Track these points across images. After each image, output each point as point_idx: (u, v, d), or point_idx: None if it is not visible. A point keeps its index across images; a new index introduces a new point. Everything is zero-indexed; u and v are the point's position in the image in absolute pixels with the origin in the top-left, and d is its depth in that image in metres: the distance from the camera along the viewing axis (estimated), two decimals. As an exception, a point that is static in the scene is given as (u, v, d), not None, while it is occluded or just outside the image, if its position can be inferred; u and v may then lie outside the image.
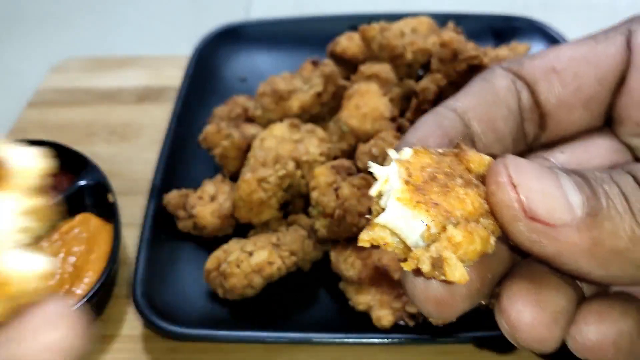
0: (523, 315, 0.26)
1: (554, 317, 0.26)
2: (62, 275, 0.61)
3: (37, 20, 1.14)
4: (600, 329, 0.26)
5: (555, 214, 0.24)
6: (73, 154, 0.71)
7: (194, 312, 0.61)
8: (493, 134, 0.32)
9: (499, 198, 0.25)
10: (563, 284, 0.27)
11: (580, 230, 0.24)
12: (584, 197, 0.25)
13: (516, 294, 0.27)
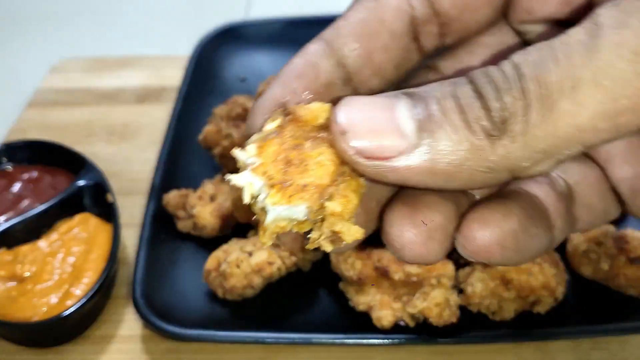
0: (402, 236, 0.27)
1: (429, 234, 0.27)
2: (61, 276, 0.61)
3: (36, 20, 1.14)
4: (485, 234, 0.26)
5: (387, 146, 0.25)
6: (72, 154, 0.71)
7: (194, 312, 0.61)
8: (369, 69, 0.30)
9: (337, 147, 0.26)
10: (437, 200, 0.28)
11: (417, 155, 0.25)
12: (417, 120, 0.25)
13: (394, 216, 0.28)
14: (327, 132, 0.27)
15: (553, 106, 0.23)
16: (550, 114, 0.23)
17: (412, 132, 0.25)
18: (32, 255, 0.62)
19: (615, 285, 0.60)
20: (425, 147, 0.25)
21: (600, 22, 0.23)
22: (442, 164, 0.25)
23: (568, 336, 0.59)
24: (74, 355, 0.61)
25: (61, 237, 0.64)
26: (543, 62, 0.23)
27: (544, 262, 0.57)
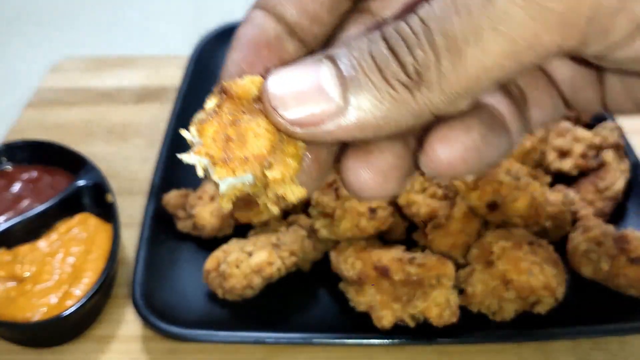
0: (358, 179, 0.29)
1: (384, 174, 0.29)
2: (61, 276, 0.61)
3: (36, 20, 1.14)
4: (447, 151, 0.28)
5: (317, 113, 0.27)
6: (72, 154, 0.71)
7: (194, 312, 0.61)
8: (307, 19, 0.32)
9: (271, 120, 0.28)
10: (389, 142, 0.30)
11: (346, 115, 0.27)
12: (341, 83, 0.27)
13: (350, 161, 0.30)
14: (261, 104, 0.29)
15: (461, 54, 0.25)
16: (459, 61, 0.25)
17: (338, 95, 0.27)
18: (32, 255, 0.62)
19: (616, 285, 0.60)
20: (352, 107, 0.27)
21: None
22: (370, 120, 0.27)
23: (568, 336, 0.60)
24: (74, 355, 0.61)
25: (61, 237, 0.64)
26: (446, 14, 0.25)
27: (544, 262, 0.57)
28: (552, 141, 0.70)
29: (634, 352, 0.60)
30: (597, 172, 0.69)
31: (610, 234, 0.61)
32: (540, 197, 0.60)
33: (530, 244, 0.59)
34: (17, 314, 0.58)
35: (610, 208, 0.67)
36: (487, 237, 0.60)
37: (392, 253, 0.58)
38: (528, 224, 0.61)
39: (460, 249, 0.62)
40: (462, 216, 0.62)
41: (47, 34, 1.11)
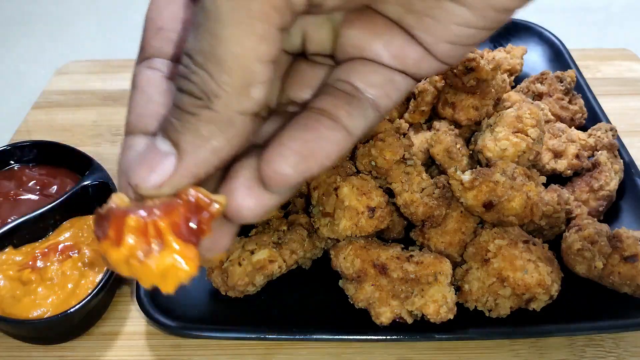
0: (241, 206, 0.32)
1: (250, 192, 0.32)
2: (67, 274, 0.61)
3: (42, 23, 1.15)
4: (272, 169, 0.30)
5: (165, 167, 0.30)
6: (78, 154, 0.72)
7: (196, 309, 0.62)
8: None
9: (140, 192, 0.31)
10: (246, 161, 0.33)
11: (186, 157, 0.30)
12: (168, 137, 0.31)
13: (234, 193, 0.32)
14: None
15: (217, 59, 0.28)
16: (220, 64, 0.28)
17: (169, 148, 0.30)
18: (39, 253, 0.63)
19: (609, 283, 0.61)
20: (186, 148, 0.30)
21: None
22: (205, 149, 0.30)
23: (563, 333, 0.60)
24: (80, 352, 0.62)
25: (67, 236, 0.65)
26: (193, 38, 0.29)
27: (539, 260, 0.58)
28: (546, 142, 0.71)
29: (628, 348, 0.61)
30: (591, 173, 0.70)
31: (604, 233, 0.62)
32: (535, 196, 0.61)
33: (525, 243, 0.59)
34: (24, 312, 0.59)
35: (604, 207, 0.68)
36: (483, 235, 0.61)
37: (391, 251, 0.59)
38: (523, 223, 0.62)
39: (457, 247, 0.63)
40: (458, 215, 0.63)
41: (53, 37, 1.12)
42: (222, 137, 0.30)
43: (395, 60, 0.34)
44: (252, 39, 0.28)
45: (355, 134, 0.32)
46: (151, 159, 0.31)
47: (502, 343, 0.61)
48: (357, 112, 0.33)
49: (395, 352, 0.61)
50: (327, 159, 0.31)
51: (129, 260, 0.30)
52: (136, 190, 0.31)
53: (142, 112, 0.35)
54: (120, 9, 1.18)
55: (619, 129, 0.74)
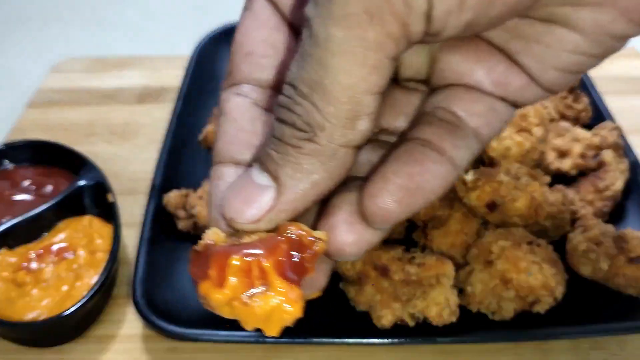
0: (344, 240, 0.31)
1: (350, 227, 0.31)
2: (62, 275, 0.61)
3: (37, 20, 1.15)
4: (376, 204, 0.29)
5: (264, 202, 0.30)
6: (72, 154, 0.71)
7: (194, 312, 0.61)
8: None
9: (235, 227, 0.31)
10: (345, 195, 0.32)
11: (286, 192, 0.29)
12: (266, 170, 0.30)
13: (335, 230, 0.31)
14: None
15: (324, 89, 0.27)
16: (327, 94, 0.27)
17: (268, 181, 0.30)
18: (33, 255, 0.62)
19: (615, 284, 0.60)
20: (286, 183, 0.29)
21: (308, 16, 0.28)
22: (306, 184, 0.29)
23: (567, 336, 0.60)
24: (75, 355, 0.61)
25: (62, 237, 0.65)
26: (299, 67, 0.28)
27: (543, 262, 0.58)
28: (551, 141, 0.70)
29: (634, 351, 0.60)
30: (597, 172, 0.69)
31: (610, 234, 0.61)
32: (540, 197, 0.60)
33: (529, 244, 0.59)
34: (19, 314, 0.58)
35: (610, 208, 0.68)
36: (487, 236, 0.60)
37: (392, 253, 0.59)
38: (527, 224, 0.62)
39: (459, 249, 0.62)
40: (461, 216, 0.63)
41: (48, 34, 1.11)
42: (323, 171, 0.29)
43: (498, 87, 0.32)
44: (363, 70, 0.27)
45: (460, 166, 0.31)
46: (248, 192, 0.30)
47: (506, 346, 0.60)
48: (461, 143, 0.31)
49: (396, 356, 0.60)
50: (433, 194, 0.30)
51: (232, 302, 0.29)
52: (231, 225, 0.30)
53: (232, 141, 0.34)
54: (116, 6, 1.17)
55: (625, 128, 0.74)
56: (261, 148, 0.31)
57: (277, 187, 0.29)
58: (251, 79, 0.35)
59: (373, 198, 0.29)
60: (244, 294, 0.28)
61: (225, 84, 0.36)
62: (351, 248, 0.31)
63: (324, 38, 0.27)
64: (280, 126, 0.29)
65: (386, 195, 0.29)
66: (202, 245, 0.30)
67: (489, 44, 0.32)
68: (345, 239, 0.30)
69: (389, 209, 0.29)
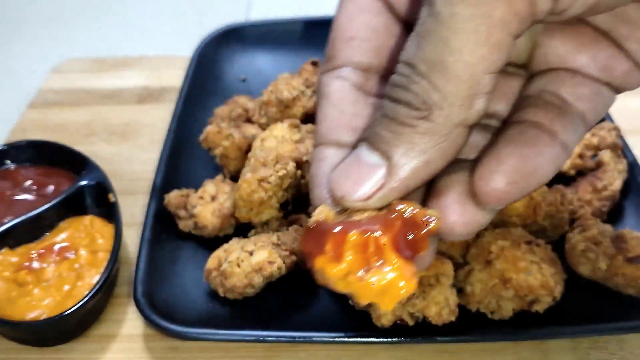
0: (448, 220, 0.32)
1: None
2: (63, 275, 0.61)
3: (37, 21, 1.15)
4: (490, 185, 0.30)
5: (374, 181, 0.30)
6: (74, 154, 0.71)
7: (195, 311, 0.61)
8: None
9: (347, 206, 0.32)
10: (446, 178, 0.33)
11: (397, 171, 0.30)
12: (376, 149, 0.30)
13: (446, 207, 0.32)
14: None
15: (444, 66, 0.27)
16: (446, 72, 0.28)
17: (378, 160, 0.30)
18: (35, 254, 0.63)
19: (614, 284, 0.60)
20: (398, 161, 0.29)
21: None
22: (418, 162, 0.29)
23: (567, 335, 0.60)
24: (76, 354, 0.61)
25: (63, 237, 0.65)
26: (417, 45, 0.28)
27: (542, 261, 0.58)
28: (550, 141, 0.70)
29: (633, 351, 0.60)
30: (595, 172, 0.69)
31: (608, 234, 0.61)
32: (538, 196, 0.61)
33: (528, 244, 0.59)
34: (20, 314, 0.58)
35: (608, 208, 0.68)
36: (486, 236, 0.61)
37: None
38: (526, 224, 0.62)
39: (458, 249, 0.62)
40: (461, 216, 0.63)
41: (49, 35, 1.11)
42: (437, 150, 0.29)
43: (603, 72, 0.32)
44: (486, 48, 0.27)
45: (570, 149, 0.32)
46: (358, 171, 0.31)
47: (505, 345, 0.60)
48: (571, 126, 0.32)
49: (396, 355, 0.60)
50: (546, 177, 0.30)
51: (348, 276, 0.29)
52: (341, 203, 0.31)
53: (334, 124, 0.34)
54: (117, 7, 1.18)
55: (623, 129, 0.74)
56: (369, 128, 0.32)
57: (388, 166, 0.30)
58: (352, 62, 0.35)
59: (486, 179, 0.30)
60: (361, 269, 0.29)
61: (324, 67, 0.36)
62: (462, 228, 0.31)
63: (448, 16, 0.27)
64: (393, 106, 0.29)
65: (500, 176, 0.29)
66: (314, 222, 0.30)
67: (594, 29, 0.32)
68: (457, 220, 0.31)
69: (503, 190, 0.29)
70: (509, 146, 0.31)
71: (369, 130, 0.32)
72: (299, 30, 0.94)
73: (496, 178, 0.30)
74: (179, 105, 0.81)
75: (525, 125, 0.31)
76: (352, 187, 0.30)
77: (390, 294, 0.29)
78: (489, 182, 0.30)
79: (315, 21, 0.95)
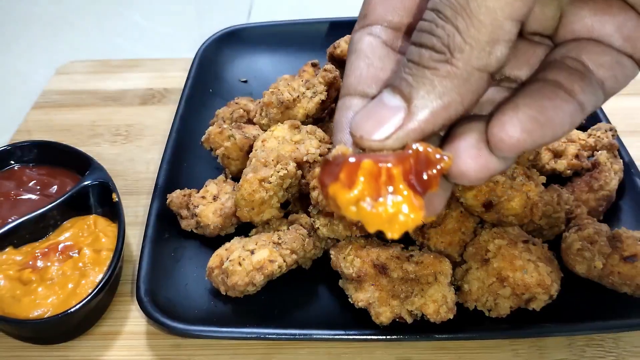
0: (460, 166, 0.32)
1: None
2: (67, 273, 0.62)
3: (42, 23, 1.16)
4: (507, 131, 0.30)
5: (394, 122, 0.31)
6: (77, 154, 0.72)
7: (197, 309, 0.62)
8: None
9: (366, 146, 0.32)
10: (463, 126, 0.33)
11: (416, 113, 0.31)
12: (399, 93, 0.31)
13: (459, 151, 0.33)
14: None
15: (469, 12, 0.28)
16: (471, 17, 0.29)
17: (399, 103, 0.31)
18: (39, 253, 0.63)
19: (609, 283, 0.61)
20: (418, 104, 0.30)
21: None
22: (437, 105, 0.30)
23: (563, 333, 0.60)
24: (80, 352, 0.62)
25: (67, 236, 0.65)
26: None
27: (539, 260, 0.58)
28: (547, 142, 0.70)
29: (628, 348, 0.61)
30: (591, 172, 0.70)
31: (604, 233, 0.62)
32: (535, 196, 0.61)
33: (525, 243, 0.60)
34: (25, 312, 0.59)
35: (604, 207, 0.68)
36: (483, 235, 0.61)
37: (391, 251, 0.59)
38: (523, 223, 0.62)
39: (456, 247, 0.63)
40: (458, 215, 0.64)
41: (53, 37, 1.12)
42: (456, 94, 0.30)
43: (627, 43, 0.33)
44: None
45: (587, 110, 0.32)
46: (378, 112, 0.31)
47: (502, 343, 0.61)
48: (589, 89, 0.32)
49: (395, 352, 0.61)
50: (561, 130, 0.31)
51: (359, 202, 0.30)
52: (359, 143, 0.32)
53: (362, 75, 0.35)
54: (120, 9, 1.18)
55: (619, 129, 0.74)
56: (393, 75, 0.33)
57: (408, 107, 0.30)
58: (384, 21, 0.37)
59: (502, 125, 0.30)
60: (371, 196, 0.30)
61: (357, 25, 0.37)
62: (475, 173, 0.32)
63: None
64: (417, 50, 0.30)
65: (516, 123, 0.30)
66: (333, 156, 0.31)
67: (622, 0, 0.33)
68: (470, 163, 0.32)
69: (518, 137, 0.30)
70: (527, 97, 0.31)
71: (392, 77, 0.32)
72: (299, 33, 0.95)
73: (512, 125, 0.30)
74: (182, 106, 0.82)
75: (545, 82, 0.32)
76: (371, 128, 0.31)
77: (397, 222, 0.30)
78: (505, 128, 0.30)
79: (315, 23, 0.96)
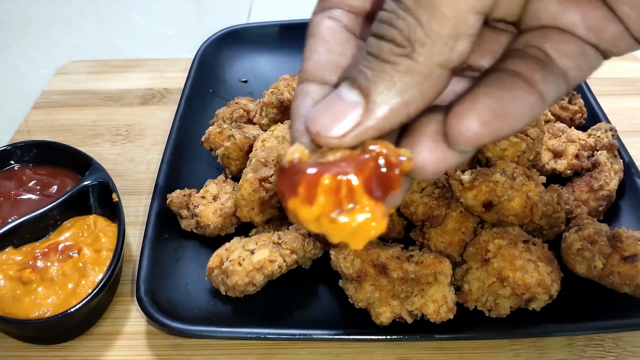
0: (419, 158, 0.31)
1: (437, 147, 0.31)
2: (67, 273, 0.62)
3: (43, 23, 1.16)
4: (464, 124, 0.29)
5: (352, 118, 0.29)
6: (77, 154, 0.72)
7: (197, 309, 0.62)
8: None
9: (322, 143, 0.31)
10: (430, 117, 0.32)
11: (375, 108, 0.29)
12: (357, 87, 0.30)
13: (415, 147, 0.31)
14: None
15: (431, 4, 0.27)
16: (434, 10, 0.27)
17: (357, 97, 0.29)
18: (39, 253, 0.63)
19: (609, 283, 0.61)
20: (377, 99, 0.29)
21: None
22: (397, 101, 0.29)
23: (563, 333, 0.60)
24: (80, 352, 0.62)
25: (67, 236, 0.65)
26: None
27: (539, 260, 0.58)
28: (546, 142, 0.71)
29: (628, 348, 0.61)
30: (591, 172, 0.70)
31: (604, 233, 0.62)
32: (535, 196, 0.61)
33: (525, 243, 0.60)
34: (25, 312, 0.59)
35: (604, 207, 0.68)
36: (483, 235, 0.61)
37: (391, 251, 0.59)
38: (523, 223, 0.62)
39: (456, 247, 0.63)
40: (458, 215, 0.64)
41: (54, 37, 1.12)
42: (416, 90, 0.29)
43: (592, 33, 0.32)
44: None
45: (548, 101, 0.31)
46: (335, 107, 0.30)
47: (502, 343, 0.61)
48: (551, 78, 0.31)
49: (395, 352, 0.61)
50: (520, 122, 0.30)
51: (320, 218, 0.29)
52: (316, 139, 0.30)
53: (320, 61, 0.34)
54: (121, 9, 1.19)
55: (619, 129, 0.74)
56: (351, 66, 0.31)
57: (366, 104, 0.29)
58: (344, 4, 0.35)
59: (460, 117, 0.29)
60: (333, 211, 0.29)
61: (317, 8, 0.36)
62: (432, 167, 0.31)
63: None
64: (377, 42, 0.29)
65: (473, 115, 0.29)
66: (288, 162, 0.30)
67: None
68: (427, 157, 0.30)
69: (475, 130, 0.29)
70: (485, 88, 0.30)
71: (351, 68, 0.31)
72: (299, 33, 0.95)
73: (470, 117, 0.29)
74: (182, 106, 0.82)
75: (505, 72, 0.31)
76: (328, 124, 0.30)
77: (361, 234, 0.29)
78: (462, 119, 0.29)
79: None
